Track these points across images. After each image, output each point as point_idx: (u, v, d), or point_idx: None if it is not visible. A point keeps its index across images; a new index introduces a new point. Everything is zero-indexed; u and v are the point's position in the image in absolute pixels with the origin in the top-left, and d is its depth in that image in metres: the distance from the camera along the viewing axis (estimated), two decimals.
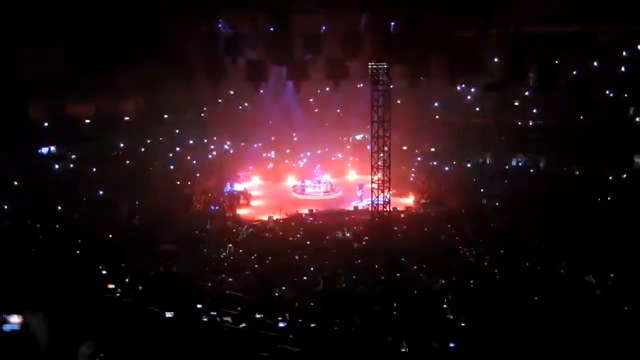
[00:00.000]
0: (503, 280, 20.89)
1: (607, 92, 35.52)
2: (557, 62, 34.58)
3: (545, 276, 20.76)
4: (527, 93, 38.18)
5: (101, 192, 32.22)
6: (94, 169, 34.69)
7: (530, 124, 38.64)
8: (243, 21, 33.61)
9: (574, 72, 35.40)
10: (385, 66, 30.51)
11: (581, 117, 35.51)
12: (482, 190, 34.48)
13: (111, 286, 17.18)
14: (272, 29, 32.87)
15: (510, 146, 38.26)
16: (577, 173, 35.18)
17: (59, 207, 29.47)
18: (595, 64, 35.55)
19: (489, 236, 26.20)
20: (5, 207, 27.68)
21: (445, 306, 18.50)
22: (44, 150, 35.32)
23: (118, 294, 16.55)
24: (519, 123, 38.84)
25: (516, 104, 38.87)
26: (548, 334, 14.99)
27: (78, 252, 22.20)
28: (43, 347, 5.67)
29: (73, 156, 35.72)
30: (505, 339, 14.97)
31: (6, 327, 5.91)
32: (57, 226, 26.57)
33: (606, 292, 19.14)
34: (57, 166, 34.94)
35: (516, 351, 13.95)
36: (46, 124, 34.73)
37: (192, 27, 33.28)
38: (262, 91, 37.74)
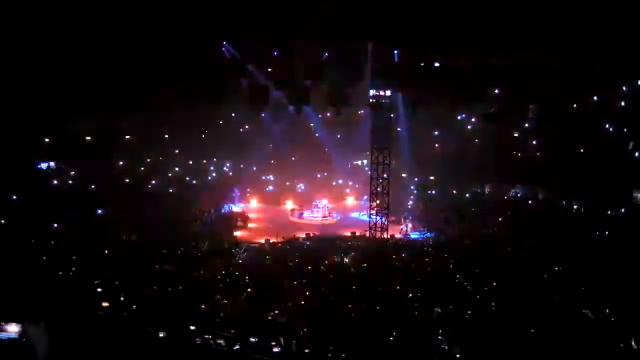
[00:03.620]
0: (499, 310, 20.76)
1: (607, 125, 35.81)
2: (556, 95, 34.93)
3: (542, 308, 20.62)
4: (526, 125, 38.47)
5: (99, 210, 32.23)
6: (93, 186, 34.73)
7: (529, 155, 38.86)
8: (247, 45, 34.01)
9: (574, 105, 35.72)
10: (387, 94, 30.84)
11: (580, 150, 35.72)
12: (480, 219, 34.48)
13: (105, 304, 17.07)
14: (275, 54, 33.24)
15: (509, 177, 38.39)
16: (575, 205, 35.24)
17: (55, 224, 29.45)
18: (595, 97, 35.92)
19: (485, 266, 26.08)
20: (2, 221, 27.60)
21: (440, 337, 18.33)
22: (43, 165, 35.37)
23: (112, 312, 16.42)
24: (518, 154, 39.08)
25: (515, 135, 39.14)
26: None
27: (74, 268, 22.10)
28: (40, 357, 5.65)
29: (72, 172, 35.78)
30: None
31: (3, 335, 5.88)
32: (53, 242, 26.52)
33: (603, 327, 19.01)
34: (55, 182, 34.97)
35: None
36: (47, 140, 34.90)
37: (195, 50, 33.61)
38: (262, 114, 37.99)
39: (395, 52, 33.56)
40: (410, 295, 22.38)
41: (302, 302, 21.78)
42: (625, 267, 23.25)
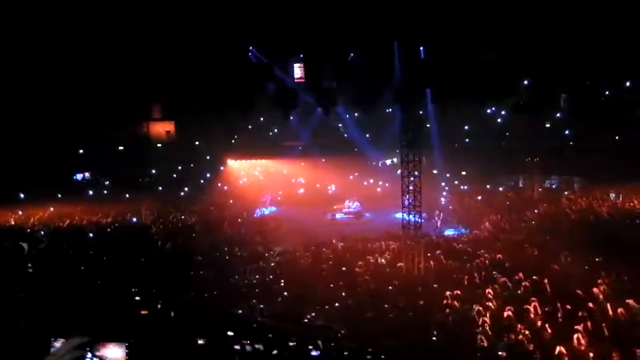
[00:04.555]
0: (537, 305, 20.40)
1: None
2: (588, 83, 34.25)
3: (584, 301, 20.20)
4: (558, 115, 37.79)
5: (134, 219, 32.70)
6: (127, 195, 35.25)
7: (563, 145, 38.17)
8: (273, 49, 34.09)
9: (606, 93, 34.99)
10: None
11: (615, 138, 34.98)
12: (515, 213, 33.98)
13: (144, 312, 17.24)
14: (302, 56, 33.26)
15: (542, 169, 37.78)
16: (612, 194, 34.52)
17: (91, 234, 29.95)
18: (628, 83, 35.12)
19: (523, 260, 25.67)
20: (42, 232, 28.19)
21: (480, 335, 18.09)
22: (79, 176, 36.07)
23: (151, 319, 16.60)
24: (552, 145, 38.42)
25: (548, 125, 38.47)
26: None
27: (111, 277, 22.40)
28: None
29: (106, 182, 36.39)
30: None
31: (54, 351, 6.05)
32: (91, 252, 26.95)
33: None
34: (90, 192, 35.60)
35: None
36: (81, 152, 35.56)
37: (222, 55, 33.84)
38: (291, 117, 38.07)
39: (421, 48, 33.23)
40: (448, 293, 22.15)
41: (338, 305, 21.72)
42: None
